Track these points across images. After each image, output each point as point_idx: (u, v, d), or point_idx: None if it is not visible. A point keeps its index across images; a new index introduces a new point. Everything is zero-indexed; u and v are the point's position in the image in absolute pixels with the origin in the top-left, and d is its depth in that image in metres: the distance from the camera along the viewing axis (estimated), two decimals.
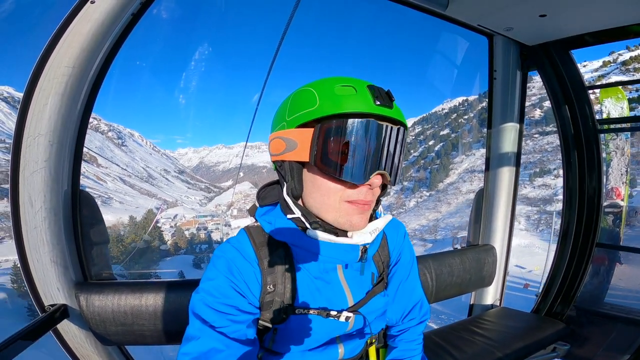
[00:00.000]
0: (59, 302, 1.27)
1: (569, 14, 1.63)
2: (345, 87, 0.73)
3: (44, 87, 1.08)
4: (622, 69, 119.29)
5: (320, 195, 0.76)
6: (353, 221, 0.76)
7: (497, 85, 2.15)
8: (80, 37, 1.07)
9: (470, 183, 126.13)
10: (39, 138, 1.11)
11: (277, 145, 0.78)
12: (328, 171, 0.72)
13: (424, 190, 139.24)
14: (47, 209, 1.17)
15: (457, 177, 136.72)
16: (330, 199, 0.75)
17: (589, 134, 2.03)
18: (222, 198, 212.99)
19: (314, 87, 0.75)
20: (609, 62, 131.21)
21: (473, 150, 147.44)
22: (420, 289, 1.07)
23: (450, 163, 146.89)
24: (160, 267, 65.83)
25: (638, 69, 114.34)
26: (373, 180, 0.73)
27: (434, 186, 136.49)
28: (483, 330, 1.89)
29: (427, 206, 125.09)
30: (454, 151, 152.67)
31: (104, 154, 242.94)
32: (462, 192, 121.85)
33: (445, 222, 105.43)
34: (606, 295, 2.16)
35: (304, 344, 0.83)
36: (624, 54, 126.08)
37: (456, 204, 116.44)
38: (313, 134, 0.72)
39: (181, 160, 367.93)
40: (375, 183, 0.73)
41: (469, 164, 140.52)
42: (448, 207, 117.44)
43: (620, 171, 2.28)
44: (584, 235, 2.11)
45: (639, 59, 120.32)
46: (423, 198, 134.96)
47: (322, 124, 0.71)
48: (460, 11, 1.67)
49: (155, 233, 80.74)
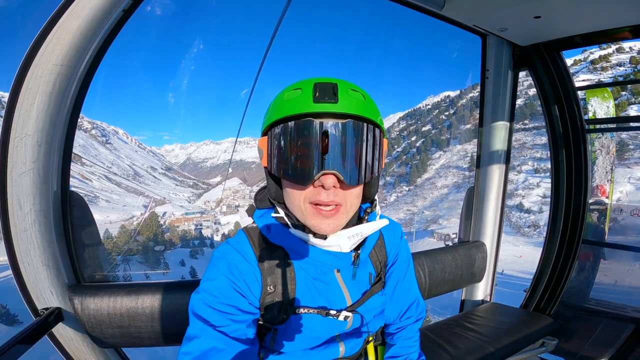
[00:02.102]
0: (53, 305, 1.24)
1: (562, 16, 1.66)
2: (294, 91, 0.74)
3: (31, 86, 1.04)
4: (590, 68, 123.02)
5: (288, 196, 0.79)
6: (317, 225, 0.75)
7: (489, 84, 2.19)
8: (68, 34, 1.03)
9: (445, 178, 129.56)
10: (27, 139, 1.07)
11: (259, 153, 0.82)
12: (279, 174, 0.74)
13: (404, 185, 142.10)
14: (36, 211, 1.14)
15: (434, 172, 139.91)
16: (295, 200, 0.77)
17: (577, 134, 2.08)
18: (211, 194, 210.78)
19: (276, 96, 0.79)
20: (580, 60, 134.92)
21: (450, 146, 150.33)
22: (417, 287, 1.09)
23: (428, 159, 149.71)
24: (166, 258, 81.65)
25: (605, 67, 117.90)
26: (324, 180, 0.70)
27: (413, 181, 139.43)
28: (475, 326, 1.94)
29: (406, 200, 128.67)
30: (433, 147, 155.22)
31: (88, 152, 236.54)
32: (437, 187, 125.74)
33: (420, 215, 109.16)
34: (591, 291, 2.24)
35: (305, 342, 0.85)
36: (595, 52, 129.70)
37: (431, 199, 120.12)
38: (267, 141, 0.76)
39: (168, 157, 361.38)
40: (327, 184, 0.70)
41: (445, 160, 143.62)
42: (424, 202, 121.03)
43: (606, 169, 2.35)
44: (571, 232, 2.17)
45: (606, 58, 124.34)
46: (403, 193, 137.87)
47: (271, 131, 0.75)
48: (457, 11, 1.69)
49: (155, 232, 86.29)
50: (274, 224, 0.83)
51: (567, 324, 2.12)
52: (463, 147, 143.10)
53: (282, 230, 0.82)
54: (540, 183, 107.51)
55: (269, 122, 0.75)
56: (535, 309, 2.26)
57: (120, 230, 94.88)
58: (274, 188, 0.82)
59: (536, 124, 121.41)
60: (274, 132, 0.74)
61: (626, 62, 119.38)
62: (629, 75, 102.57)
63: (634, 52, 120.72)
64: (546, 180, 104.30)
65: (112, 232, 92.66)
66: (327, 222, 0.75)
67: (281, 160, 0.73)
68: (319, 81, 0.72)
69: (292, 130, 0.70)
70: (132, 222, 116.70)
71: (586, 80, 49.35)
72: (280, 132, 0.72)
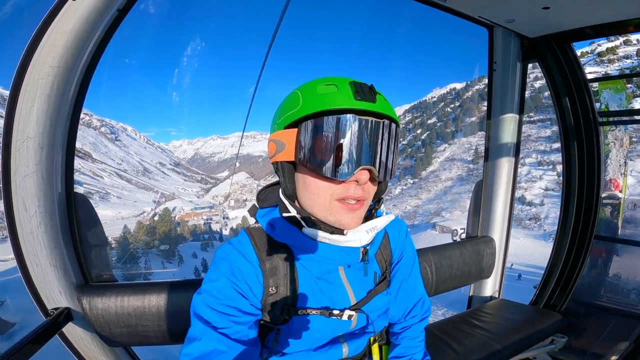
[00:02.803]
0: (62, 305, 1.26)
1: (571, 6, 1.59)
2: (327, 86, 0.73)
3: (29, 88, 1.04)
4: (597, 60, 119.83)
5: (310, 193, 0.77)
6: (342, 220, 0.75)
7: (497, 77, 2.13)
8: (63, 35, 1.02)
9: (449, 171, 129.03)
10: (28, 141, 1.08)
11: (271, 147, 0.80)
12: (312, 169, 0.73)
13: (409, 178, 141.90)
14: (42, 213, 1.15)
15: (439, 165, 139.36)
16: (320, 197, 0.75)
17: (589, 126, 2.02)
18: (219, 189, 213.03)
19: (300, 89, 0.77)
20: (587, 53, 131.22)
21: (455, 139, 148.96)
22: (422, 286, 1.08)
23: (433, 152, 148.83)
24: (180, 251, 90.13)
25: (612, 60, 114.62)
26: (359, 176, 0.71)
27: (418, 174, 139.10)
28: (482, 323, 1.92)
29: (410, 193, 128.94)
30: (438, 139, 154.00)
31: (98, 149, 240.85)
32: (442, 180, 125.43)
33: (424, 208, 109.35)
34: (603, 288, 2.19)
35: (308, 343, 0.84)
36: (602, 44, 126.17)
37: (435, 192, 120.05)
38: (297, 134, 0.74)
39: (176, 152, 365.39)
40: (362, 179, 0.72)
41: (450, 153, 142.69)
42: (428, 194, 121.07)
43: (619, 162, 2.28)
44: (582, 227, 2.12)
45: (614, 50, 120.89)
46: (407, 185, 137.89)
47: (305, 123, 0.72)
48: (461, 3, 1.64)
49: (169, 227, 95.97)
50: (279, 222, 0.82)
51: (577, 321, 2.08)
52: (467, 140, 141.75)
53: (287, 227, 0.81)
54: (543, 176, 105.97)
55: (301, 114, 0.72)
56: (545, 305, 2.22)
57: (138, 225, 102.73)
58: (291, 185, 0.80)
59: (541, 117, 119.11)
60: (311, 125, 0.71)
61: (633, 54, 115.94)
62: (635, 68, 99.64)
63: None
64: (549, 173, 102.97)
65: (130, 228, 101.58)
66: (352, 216, 0.75)
67: (317, 154, 0.71)
68: (354, 80, 0.74)
69: (337, 125, 0.69)
70: (145, 218, 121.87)
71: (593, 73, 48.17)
72: (319, 125, 0.70)
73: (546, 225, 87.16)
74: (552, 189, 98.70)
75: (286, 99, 0.80)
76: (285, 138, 0.75)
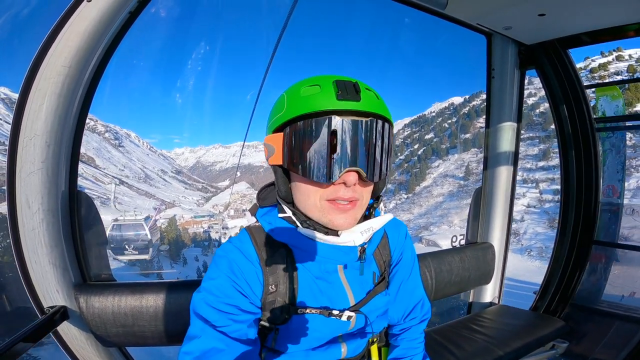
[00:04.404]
0: (59, 303, 1.26)
1: (567, 13, 1.64)
2: (311, 87, 0.73)
3: (40, 87, 1.07)
4: (589, 77, 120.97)
5: (301, 195, 0.77)
6: (335, 221, 0.75)
7: (495, 84, 2.16)
8: (76, 36, 1.06)
9: (441, 187, 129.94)
10: (35, 139, 1.10)
11: (265, 150, 0.80)
12: (298, 172, 0.72)
13: (403, 193, 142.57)
14: (44, 210, 1.16)
15: (431, 181, 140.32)
16: (311, 199, 0.75)
17: (586, 133, 2.04)
18: (219, 198, 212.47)
19: (286, 92, 0.77)
20: (580, 69, 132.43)
21: (449, 155, 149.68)
22: (422, 288, 1.07)
23: (427, 167, 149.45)
24: (185, 254, 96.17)
25: (603, 76, 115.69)
26: (346, 178, 0.70)
27: (412, 189, 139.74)
28: (483, 328, 1.90)
29: (403, 208, 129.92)
30: (433, 155, 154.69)
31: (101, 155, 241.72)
32: (433, 195, 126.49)
33: (414, 222, 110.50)
34: (603, 293, 2.18)
35: (307, 343, 0.84)
36: (596, 59, 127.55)
37: (426, 206, 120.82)
38: (283, 138, 0.74)
39: (178, 160, 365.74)
40: (350, 181, 0.70)
41: (444, 169, 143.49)
42: (419, 209, 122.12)
43: (617, 169, 2.30)
44: (581, 233, 2.12)
45: (605, 66, 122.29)
46: (401, 200, 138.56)
47: (288, 127, 0.72)
48: (460, 10, 1.68)
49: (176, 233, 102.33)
50: (279, 221, 0.82)
51: (578, 326, 2.06)
52: (460, 157, 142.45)
53: (285, 227, 0.81)
54: (527, 193, 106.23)
55: (286, 118, 0.72)
56: (546, 311, 2.20)
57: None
58: (284, 187, 0.80)
59: (530, 134, 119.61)
60: (293, 129, 0.71)
61: (624, 70, 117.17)
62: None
63: (632, 60, 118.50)
64: (532, 191, 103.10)
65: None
66: (344, 217, 0.74)
67: (301, 158, 0.71)
68: (338, 79, 0.72)
69: (315, 127, 0.69)
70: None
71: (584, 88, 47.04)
72: (301, 128, 0.70)
73: (524, 240, 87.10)
74: (533, 205, 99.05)
75: (275, 102, 0.80)
76: (274, 142, 0.75)
